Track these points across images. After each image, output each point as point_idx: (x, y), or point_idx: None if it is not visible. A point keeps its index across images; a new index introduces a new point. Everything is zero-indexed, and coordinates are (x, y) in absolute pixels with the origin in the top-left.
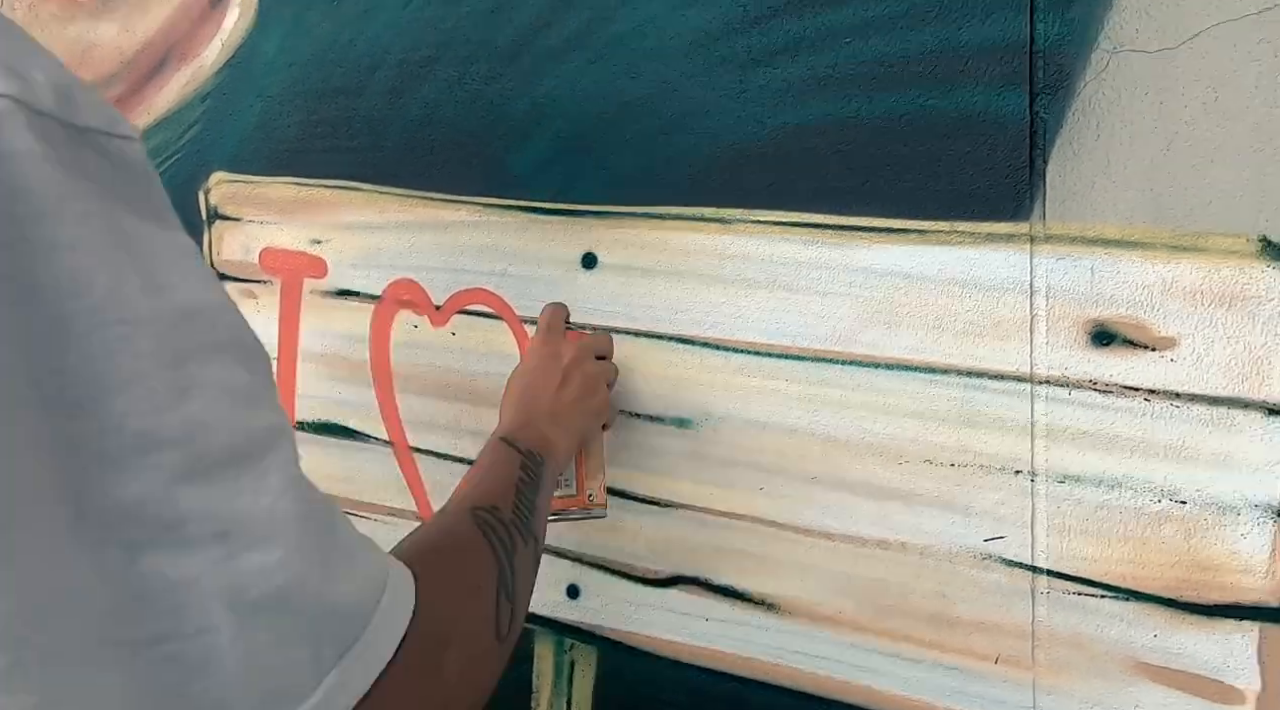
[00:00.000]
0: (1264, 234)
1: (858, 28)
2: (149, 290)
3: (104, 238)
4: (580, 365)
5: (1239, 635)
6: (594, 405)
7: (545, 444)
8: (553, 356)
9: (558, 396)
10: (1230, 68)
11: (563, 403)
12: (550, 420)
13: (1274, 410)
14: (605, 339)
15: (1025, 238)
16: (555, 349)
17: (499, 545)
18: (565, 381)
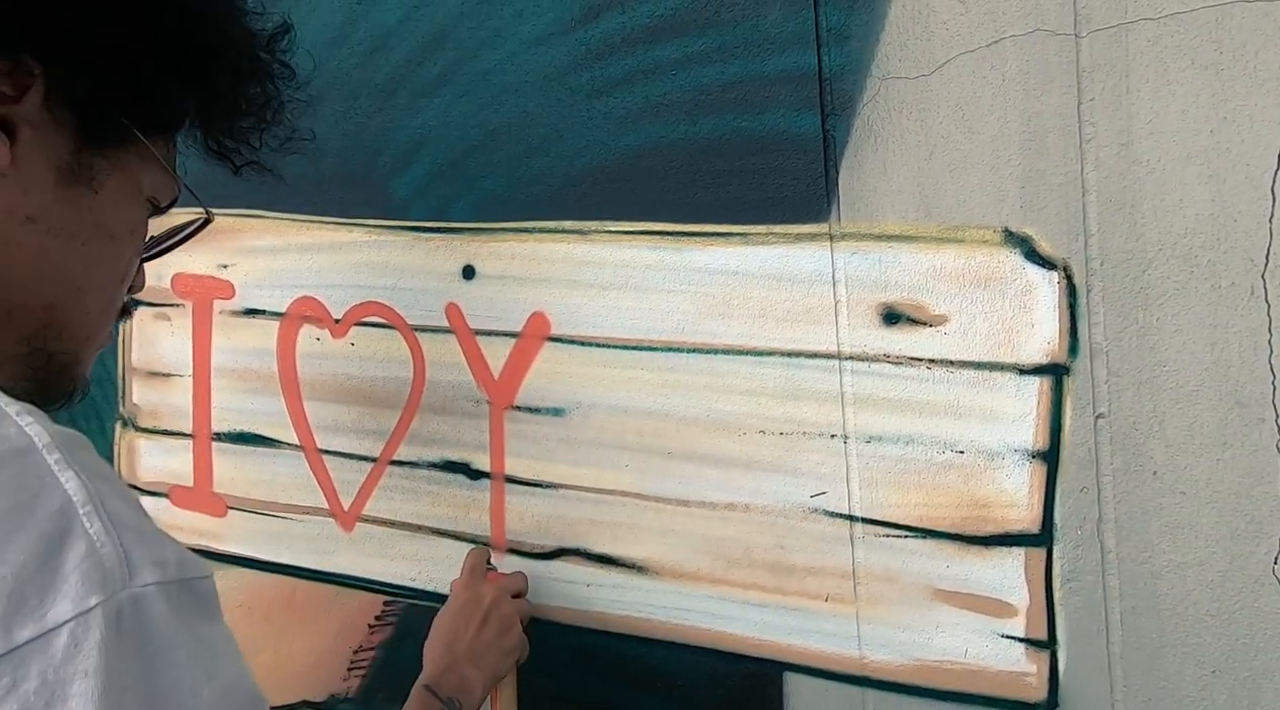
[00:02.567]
0: (1006, 226)
1: (681, 62)
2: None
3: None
4: (498, 606)
5: (1010, 560)
6: (509, 643)
7: (463, 687)
8: (474, 600)
9: (478, 636)
10: (971, 90)
11: (481, 642)
12: (469, 661)
13: (1024, 370)
14: (521, 578)
15: (826, 236)
16: (476, 592)
17: None
18: (485, 622)
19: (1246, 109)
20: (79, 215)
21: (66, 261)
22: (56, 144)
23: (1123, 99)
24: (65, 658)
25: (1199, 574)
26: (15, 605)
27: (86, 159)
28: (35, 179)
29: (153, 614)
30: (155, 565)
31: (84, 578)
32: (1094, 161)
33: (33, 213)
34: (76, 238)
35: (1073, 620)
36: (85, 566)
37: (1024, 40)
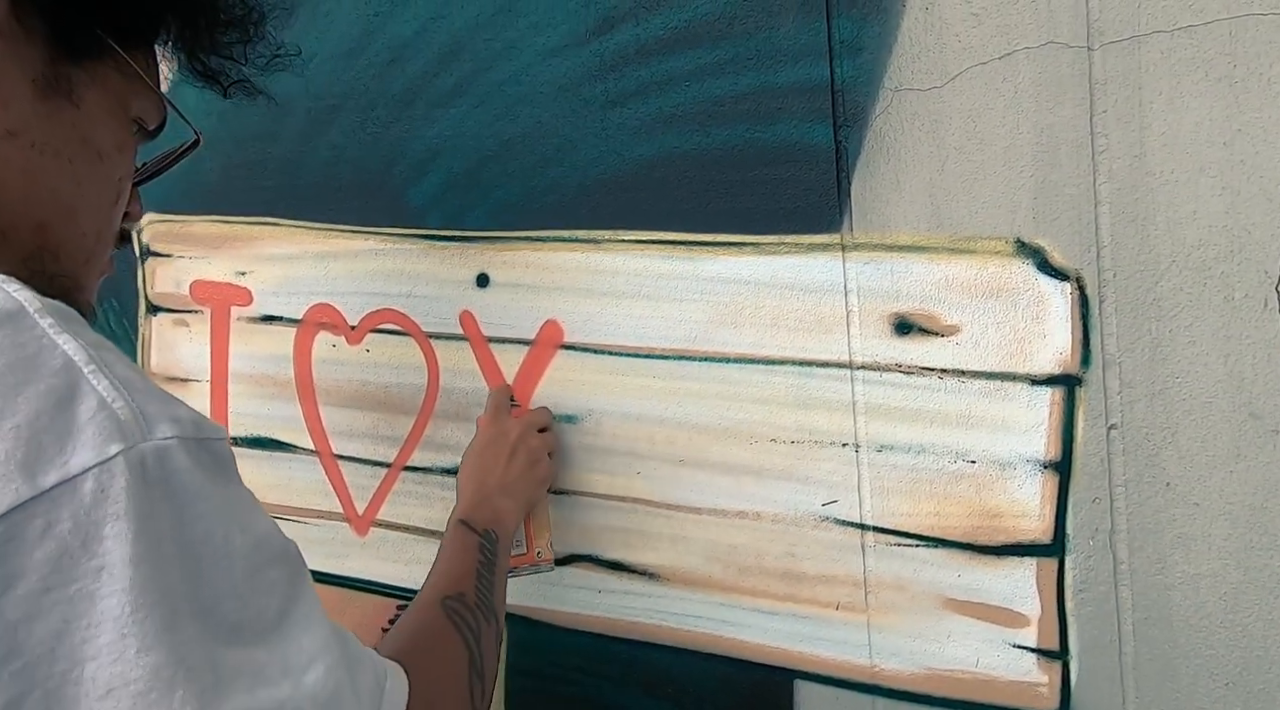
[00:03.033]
0: (1018, 236)
1: (694, 73)
2: (242, 532)
3: (218, 506)
4: (525, 440)
5: (1021, 570)
6: (539, 474)
7: (498, 518)
8: (500, 434)
9: (506, 470)
10: (984, 102)
11: (511, 475)
12: (501, 493)
13: (1036, 381)
14: (545, 413)
15: (838, 247)
16: (502, 427)
17: (467, 632)
18: (513, 456)
19: (1260, 122)
20: (62, 130)
21: (55, 179)
22: (29, 55)
23: (1136, 111)
24: (94, 502)
25: (1212, 586)
26: (34, 452)
27: (64, 71)
28: (12, 91)
29: (177, 467)
30: (172, 421)
31: (99, 429)
32: (1107, 173)
33: (13, 127)
34: (62, 154)
35: (1085, 631)
36: (100, 418)
37: (1037, 52)
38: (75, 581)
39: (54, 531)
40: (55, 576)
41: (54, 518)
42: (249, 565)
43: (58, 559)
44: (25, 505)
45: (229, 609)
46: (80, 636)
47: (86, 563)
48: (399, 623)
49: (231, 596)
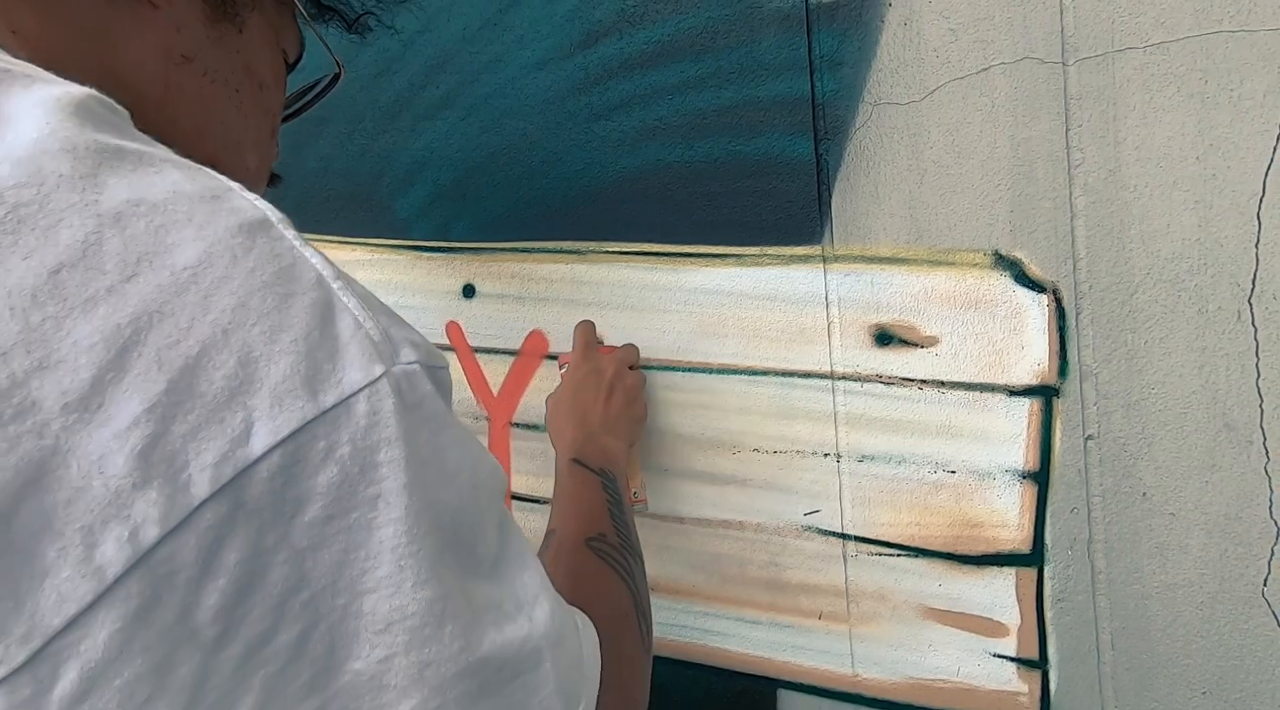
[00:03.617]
0: (996, 249)
1: (677, 87)
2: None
3: (459, 435)
4: (621, 377)
5: (1001, 579)
6: (637, 412)
7: (609, 457)
8: (595, 371)
9: (607, 407)
10: (962, 116)
11: (612, 413)
12: (605, 431)
13: (1014, 392)
14: (634, 350)
15: (819, 258)
16: (595, 364)
17: (622, 571)
18: (611, 394)
19: (1231, 137)
20: (230, 57)
21: (224, 109)
22: None
23: (1110, 126)
24: (369, 424)
25: (1189, 595)
26: (312, 369)
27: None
28: (185, 13)
29: (425, 392)
30: (412, 345)
31: (361, 348)
32: (1082, 187)
33: (188, 51)
34: (230, 83)
35: (1064, 640)
36: (359, 337)
37: (1013, 68)
38: (354, 510)
39: (335, 455)
40: (336, 504)
41: (334, 440)
42: (486, 496)
43: (339, 485)
44: (309, 425)
45: (474, 541)
46: (359, 568)
47: (364, 490)
48: (548, 566)
49: (476, 528)
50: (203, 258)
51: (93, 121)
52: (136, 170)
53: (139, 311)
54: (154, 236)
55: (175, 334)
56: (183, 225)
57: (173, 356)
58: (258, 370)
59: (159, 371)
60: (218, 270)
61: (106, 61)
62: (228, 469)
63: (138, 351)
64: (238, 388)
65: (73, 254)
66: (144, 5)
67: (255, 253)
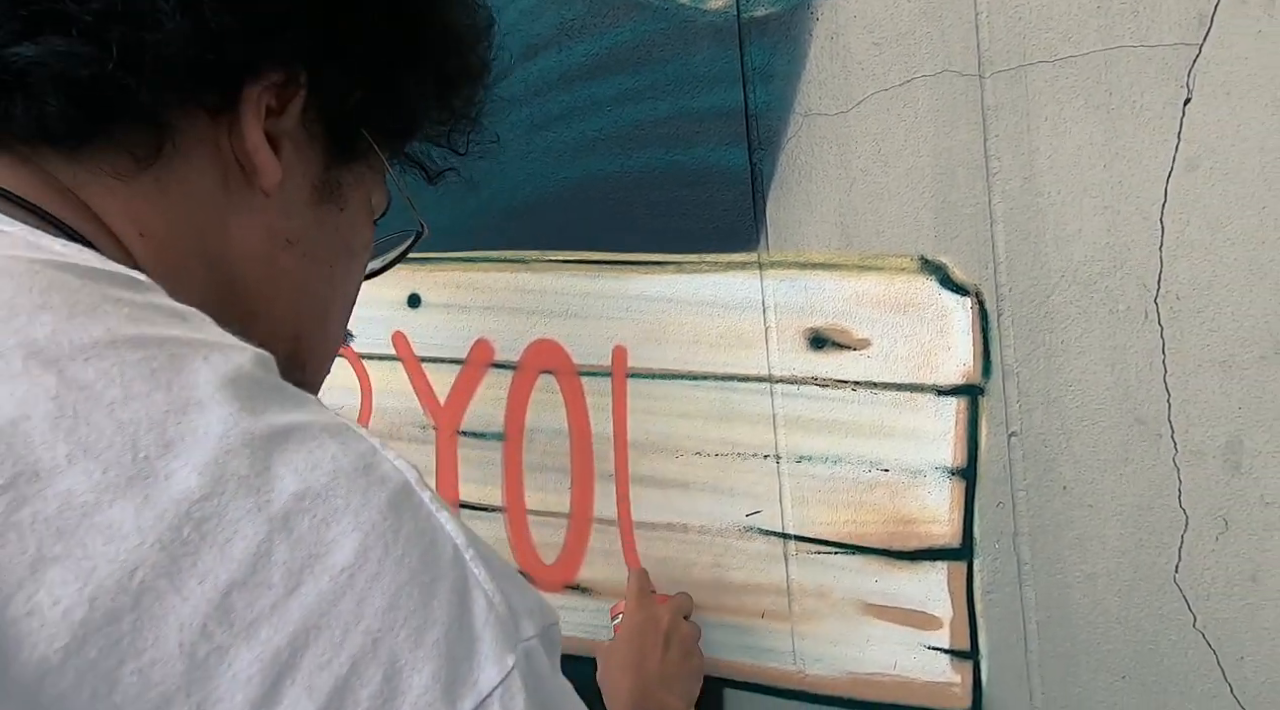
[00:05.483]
0: (922, 254)
1: (616, 99)
2: None
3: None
4: (676, 627)
5: (934, 574)
6: (695, 666)
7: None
8: (651, 621)
9: (664, 662)
10: (887, 126)
11: (670, 667)
12: (664, 688)
13: (942, 391)
14: (688, 599)
15: (755, 265)
16: (652, 613)
17: None
18: (668, 645)
19: (1135, 145)
20: (329, 236)
21: (319, 285)
22: (311, 159)
23: (1024, 136)
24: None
25: (1107, 584)
26: (452, 673)
27: (335, 175)
28: (293, 199)
29: (543, 669)
30: (530, 615)
31: (495, 636)
32: (1000, 193)
33: (293, 236)
34: (327, 260)
35: (993, 631)
36: (492, 621)
37: (933, 80)
38: None
39: None
40: None
41: None
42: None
43: None
44: None
45: None
46: None
47: None
48: None
49: None
50: (359, 553)
51: (264, 396)
52: (300, 449)
53: (297, 631)
54: (316, 535)
55: (329, 652)
56: (341, 514)
57: (323, 680)
58: (401, 683)
59: (309, 700)
60: (371, 567)
61: (220, 248)
62: None
63: (291, 679)
64: (379, 707)
65: (244, 570)
66: (258, 195)
67: (403, 534)
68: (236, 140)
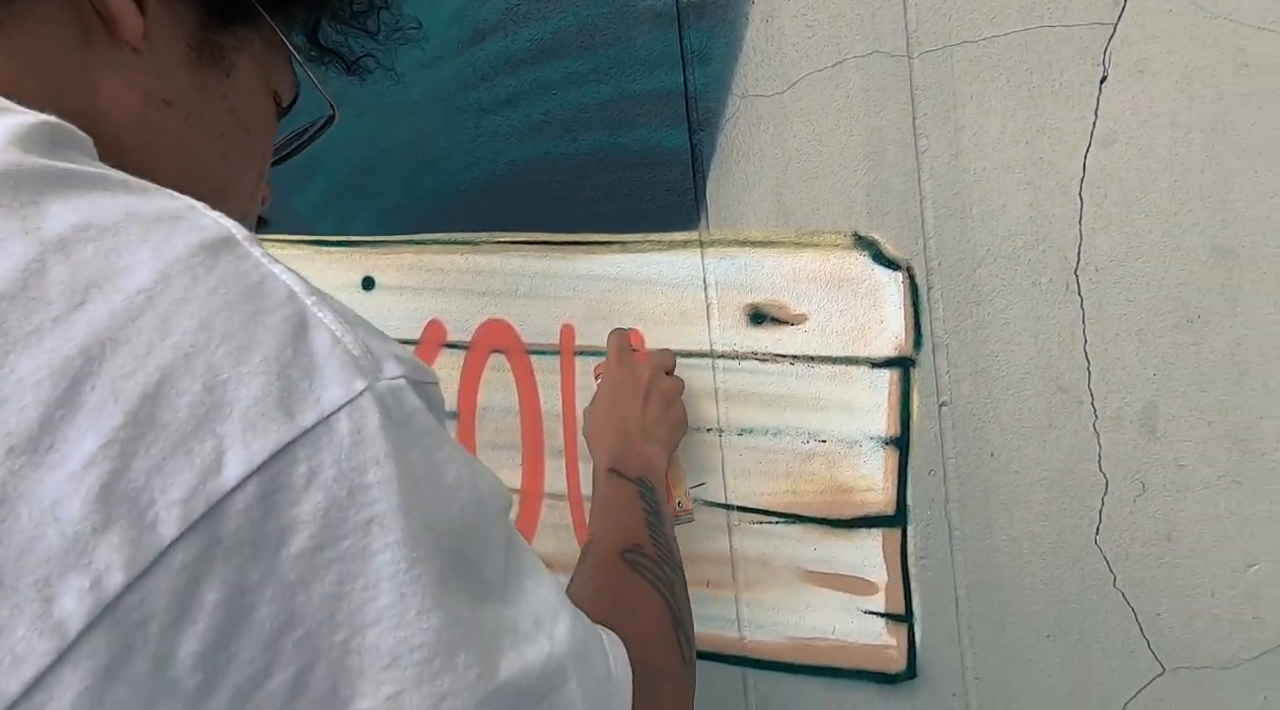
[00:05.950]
0: (855, 230)
1: (561, 82)
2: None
3: (454, 451)
4: (657, 382)
5: (870, 540)
6: (675, 417)
7: (648, 466)
8: (631, 377)
9: (645, 413)
10: (820, 106)
11: (650, 419)
12: (644, 438)
13: (876, 364)
14: (670, 356)
15: (696, 243)
16: (632, 370)
17: (660, 585)
18: (648, 398)
19: (1055, 123)
20: (214, 101)
21: (207, 154)
22: (185, 18)
23: (951, 114)
24: (353, 443)
25: (1032, 547)
26: (287, 389)
27: (214, 36)
28: (168, 58)
29: (414, 406)
30: (397, 360)
31: (340, 364)
32: (929, 171)
33: (169, 96)
34: (214, 128)
35: (926, 595)
36: (337, 352)
37: (864, 61)
38: (346, 537)
39: (319, 479)
40: (325, 532)
41: (317, 463)
42: (491, 512)
43: (326, 511)
44: (288, 448)
45: (481, 562)
46: (358, 600)
47: (355, 515)
48: (582, 580)
49: (482, 548)
50: (159, 279)
51: (43, 147)
52: (86, 194)
53: (90, 341)
54: (104, 261)
55: (132, 362)
56: (137, 247)
57: (130, 387)
58: (226, 394)
59: (115, 404)
60: (176, 291)
61: (83, 104)
62: (199, 503)
63: (90, 384)
64: (205, 415)
65: (11, 285)
66: (123, 49)
67: (218, 271)
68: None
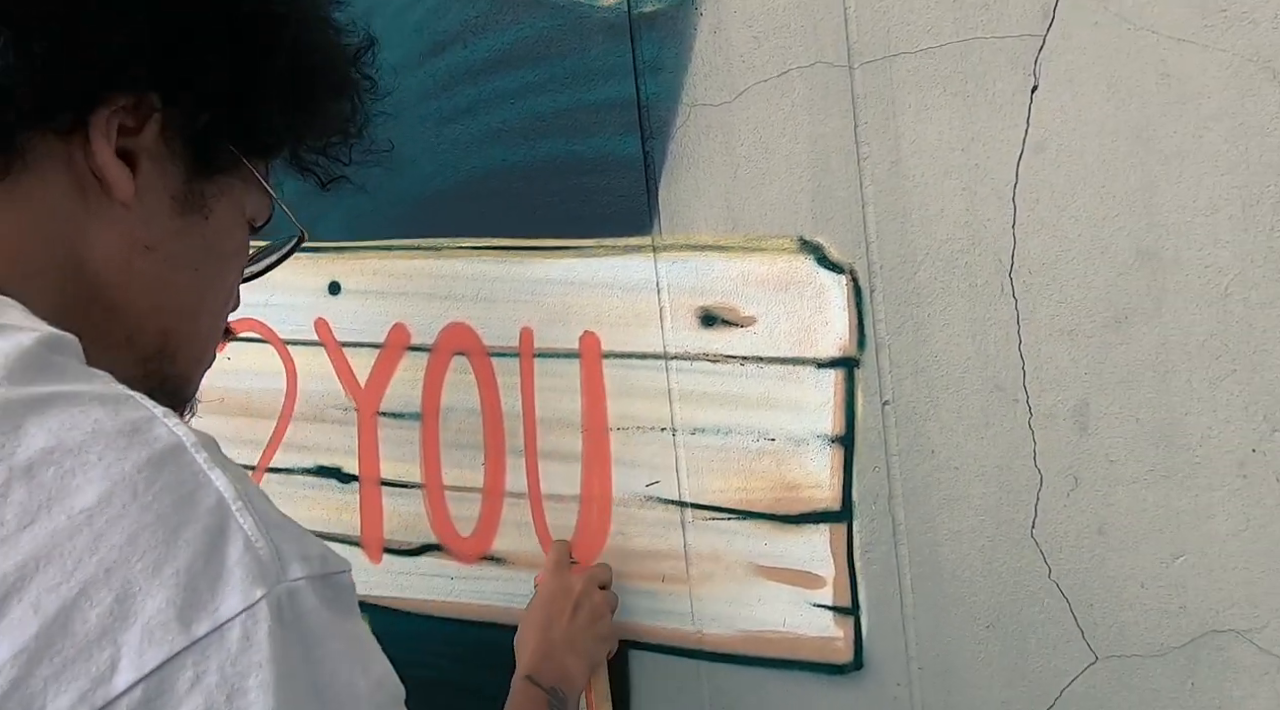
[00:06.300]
0: (801, 235)
1: (518, 92)
2: (365, 674)
3: (343, 647)
4: (588, 595)
5: (817, 536)
6: (602, 630)
7: (564, 676)
8: (563, 589)
9: (571, 624)
10: (766, 115)
11: (575, 630)
12: (566, 649)
13: (822, 364)
14: (606, 569)
15: (649, 248)
16: (565, 582)
17: None
18: (576, 610)
19: (989, 130)
20: (193, 241)
21: (183, 287)
22: (171, 174)
23: (890, 122)
24: (240, 650)
25: (972, 540)
26: (190, 599)
27: (198, 187)
28: (154, 209)
29: (307, 607)
30: (303, 560)
31: (246, 572)
32: (870, 177)
33: (151, 242)
34: (190, 265)
35: (872, 588)
36: (246, 560)
37: (807, 71)
38: None
39: (201, 684)
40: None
41: (202, 669)
42: (372, 707)
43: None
44: (177, 656)
45: None
46: None
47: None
48: None
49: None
50: (103, 498)
51: (34, 370)
52: (61, 414)
53: (27, 559)
54: (60, 483)
55: (59, 576)
56: (91, 467)
57: (50, 600)
58: (134, 605)
59: (34, 616)
60: (114, 508)
61: (75, 252)
62: (84, 708)
63: (18, 598)
64: (110, 625)
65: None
66: (116, 206)
67: (158, 484)
68: (90, 157)
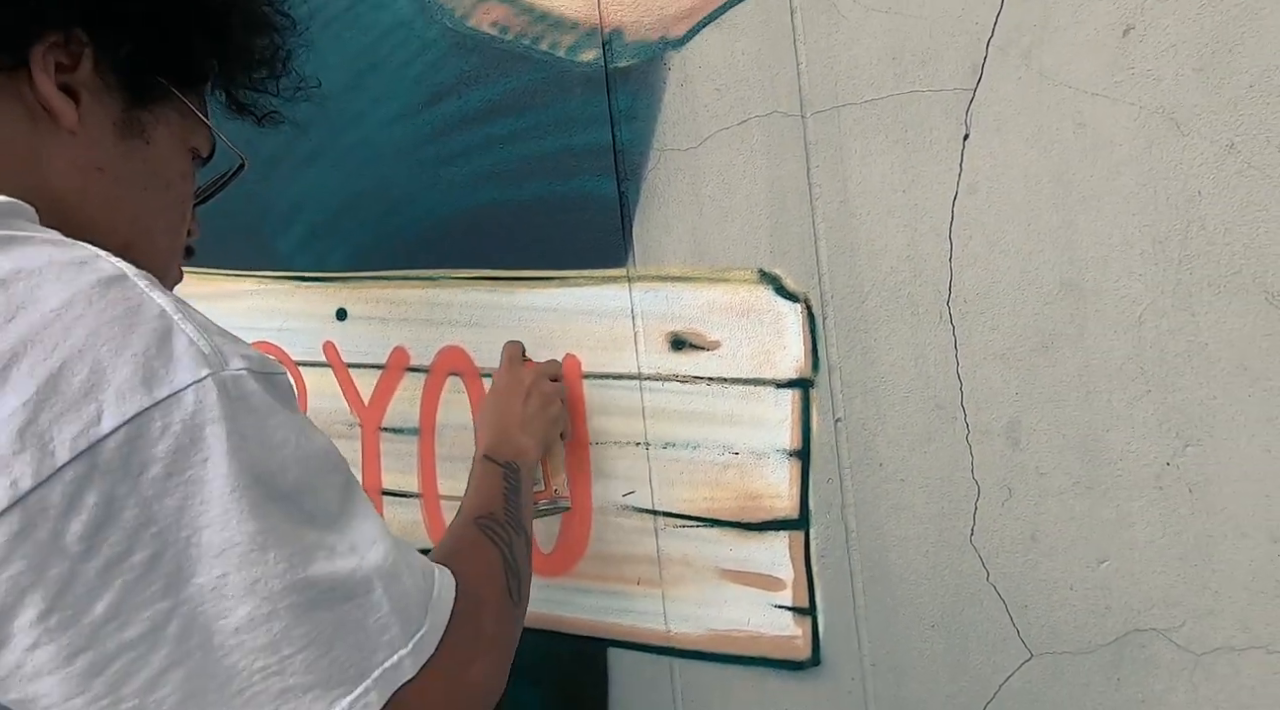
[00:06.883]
0: (760, 267)
1: (507, 137)
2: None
3: (285, 421)
4: (538, 385)
5: (778, 542)
6: (552, 413)
7: (519, 452)
8: (516, 380)
9: (524, 410)
10: (728, 159)
11: (528, 414)
12: (520, 430)
13: (780, 384)
14: (556, 365)
15: (625, 279)
16: (517, 374)
17: (499, 540)
18: (528, 398)
19: (927, 174)
20: (137, 164)
21: (134, 206)
22: (109, 103)
23: (839, 166)
24: (195, 409)
25: (917, 547)
26: (148, 375)
27: (135, 115)
28: (98, 135)
29: (251, 389)
30: (243, 358)
31: (192, 358)
32: (822, 215)
33: (101, 163)
34: (138, 184)
35: (827, 590)
36: (191, 351)
37: (765, 120)
38: (189, 468)
39: (170, 430)
40: (174, 465)
41: (169, 420)
42: (316, 466)
43: (174, 451)
44: (147, 411)
45: (303, 499)
46: (196, 510)
47: (195, 455)
48: (442, 538)
49: (305, 490)
50: (66, 303)
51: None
52: (20, 249)
53: (17, 341)
54: (29, 293)
55: (44, 354)
56: (52, 282)
57: (41, 369)
58: (106, 376)
59: (30, 379)
60: (77, 310)
61: (34, 176)
62: (83, 441)
63: (16, 367)
64: (90, 388)
65: None
66: (64, 132)
67: (109, 297)
68: (35, 91)
